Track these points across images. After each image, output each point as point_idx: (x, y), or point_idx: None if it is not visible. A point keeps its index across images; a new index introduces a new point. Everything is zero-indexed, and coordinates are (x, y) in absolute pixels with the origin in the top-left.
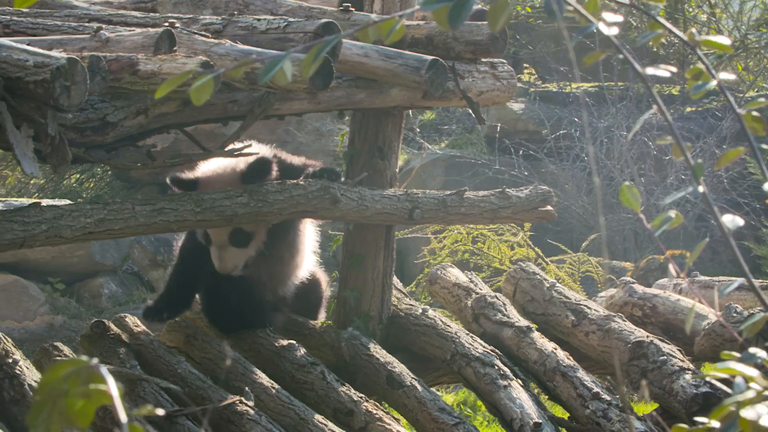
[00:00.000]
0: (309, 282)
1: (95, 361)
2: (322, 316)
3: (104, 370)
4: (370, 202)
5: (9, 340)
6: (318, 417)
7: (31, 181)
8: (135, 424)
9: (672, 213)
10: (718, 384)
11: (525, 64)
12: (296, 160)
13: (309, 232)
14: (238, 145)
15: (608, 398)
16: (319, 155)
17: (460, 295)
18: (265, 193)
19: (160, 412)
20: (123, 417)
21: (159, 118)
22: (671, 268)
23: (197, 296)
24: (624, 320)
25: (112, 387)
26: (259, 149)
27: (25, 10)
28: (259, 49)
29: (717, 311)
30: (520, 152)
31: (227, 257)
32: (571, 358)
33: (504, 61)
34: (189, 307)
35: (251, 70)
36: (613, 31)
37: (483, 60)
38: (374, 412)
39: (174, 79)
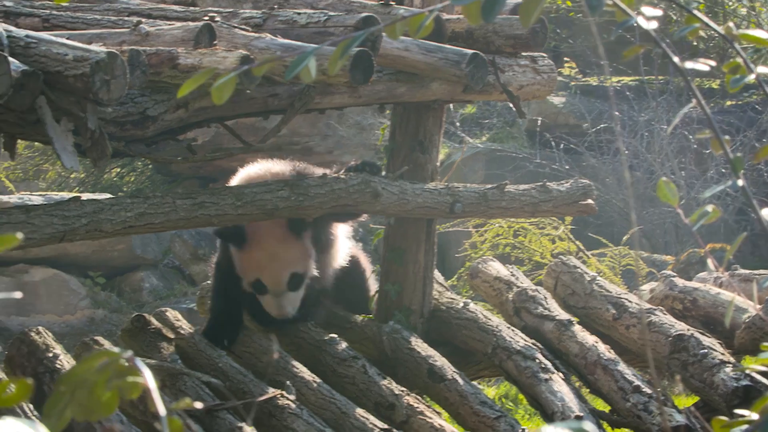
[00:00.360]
0: (350, 264)
1: (129, 353)
2: (373, 287)
3: (140, 362)
4: (411, 195)
5: (49, 334)
6: (359, 411)
7: (72, 175)
8: (174, 417)
9: (709, 207)
10: (759, 377)
11: (565, 58)
12: (318, 171)
13: None
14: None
15: (649, 391)
16: (360, 149)
17: (501, 289)
18: (306, 186)
19: (199, 405)
20: (161, 410)
21: (199, 111)
22: (710, 262)
23: None
24: (664, 313)
25: (149, 380)
26: (277, 165)
27: (64, 4)
28: (298, 43)
29: (757, 304)
30: (561, 146)
31: (285, 303)
32: (611, 351)
33: (544, 55)
34: (242, 323)
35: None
36: (652, 25)
37: (523, 54)
38: (415, 405)
39: (198, 77)
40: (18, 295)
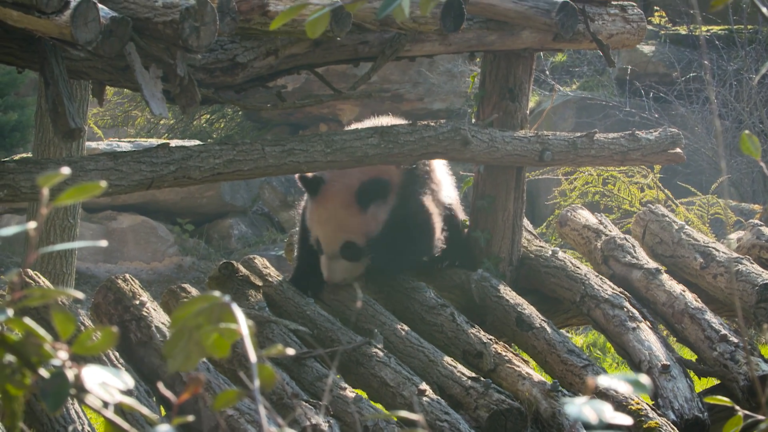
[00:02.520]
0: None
1: (227, 298)
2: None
3: (236, 307)
4: (501, 143)
5: (136, 281)
6: (447, 359)
7: (161, 122)
8: (265, 364)
9: None
10: None
11: (655, 7)
12: None
13: (442, 174)
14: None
15: (736, 341)
16: (451, 96)
17: (590, 237)
18: (396, 134)
19: (290, 351)
20: (252, 357)
21: (289, 59)
22: None
23: None
24: (752, 263)
25: (243, 326)
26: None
27: None
28: None
29: None
30: (650, 94)
31: (338, 269)
32: (699, 300)
33: (634, 3)
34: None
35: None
36: None
37: (613, 3)
38: (503, 353)
39: (289, 11)
40: (103, 243)
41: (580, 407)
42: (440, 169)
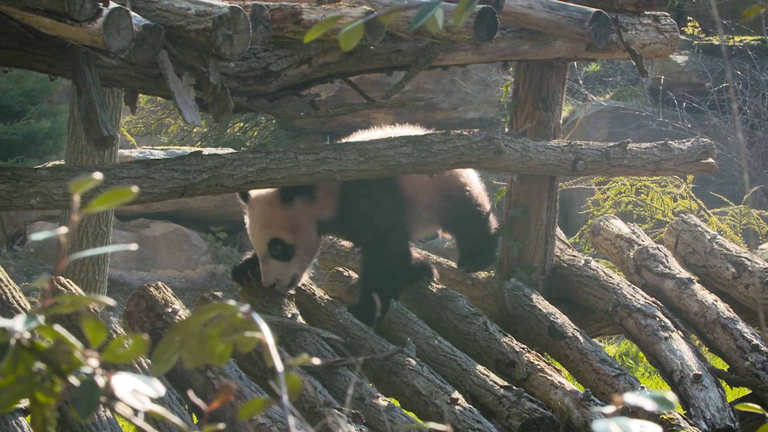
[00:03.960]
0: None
1: (246, 307)
2: (494, 223)
3: (257, 317)
4: (534, 153)
5: (169, 289)
6: (480, 368)
7: (194, 130)
8: (292, 373)
9: None
10: None
11: (688, 17)
12: None
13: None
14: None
15: None
16: (484, 105)
17: (623, 247)
18: (429, 143)
19: (317, 361)
20: (278, 366)
21: (323, 67)
22: None
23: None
24: None
25: (267, 335)
26: None
27: None
28: (423, 0)
29: None
30: (683, 104)
31: (268, 271)
32: (731, 310)
33: (667, 14)
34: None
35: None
36: None
37: (646, 13)
38: (536, 362)
39: (324, 23)
40: (134, 247)
41: (607, 425)
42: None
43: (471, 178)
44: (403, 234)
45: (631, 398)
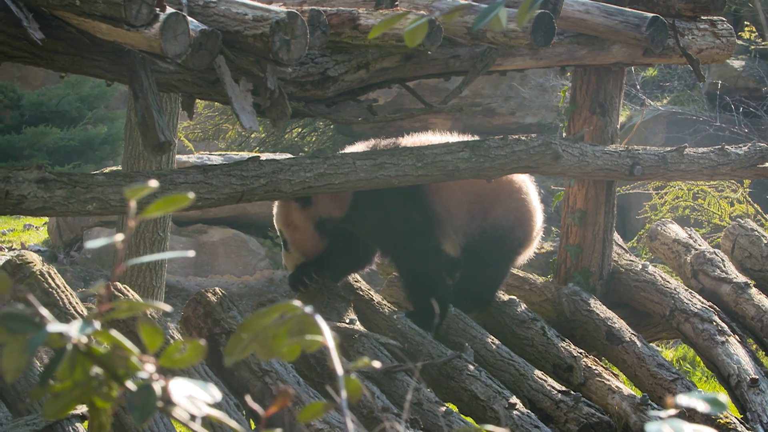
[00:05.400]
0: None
1: (309, 308)
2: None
3: (320, 318)
4: (591, 158)
5: (226, 294)
6: (537, 372)
7: (252, 135)
8: (352, 377)
9: None
10: None
11: (746, 22)
12: None
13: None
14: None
15: None
16: (542, 110)
17: (680, 251)
18: (487, 148)
19: (377, 365)
20: (339, 369)
21: (380, 72)
22: None
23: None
24: None
25: (328, 338)
26: None
27: None
28: (481, 5)
29: None
30: (741, 109)
31: (284, 257)
32: None
33: (723, 19)
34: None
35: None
36: None
37: (702, 18)
38: (593, 367)
39: (389, 20)
40: (191, 254)
41: (660, 427)
42: None
43: (517, 213)
44: (425, 238)
45: (683, 400)
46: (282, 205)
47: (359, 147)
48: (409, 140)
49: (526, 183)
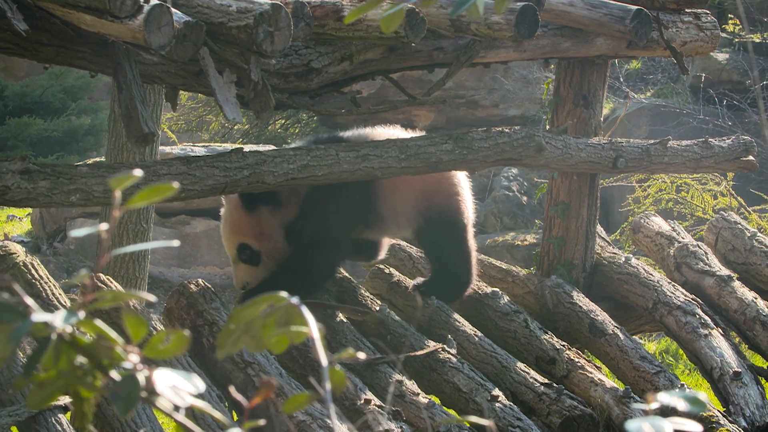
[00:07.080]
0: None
1: (296, 299)
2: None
3: (306, 309)
4: (575, 150)
5: (209, 286)
6: (520, 365)
7: (235, 127)
8: (336, 368)
9: None
10: None
11: (729, 15)
12: None
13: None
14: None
15: None
16: (526, 103)
17: (663, 244)
18: (470, 140)
19: (362, 356)
20: (323, 360)
21: (364, 64)
22: None
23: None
24: None
25: (314, 329)
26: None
27: None
28: None
29: None
30: (724, 102)
31: (238, 274)
32: None
33: (707, 11)
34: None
35: (457, 18)
36: None
37: (687, 10)
38: (576, 359)
39: (363, 6)
40: (176, 243)
41: (640, 425)
42: None
43: (459, 199)
44: (339, 255)
45: (664, 398)
46: (244, 216)
47: (299, 143)
48: (349, 133)
49: (463, 179)
